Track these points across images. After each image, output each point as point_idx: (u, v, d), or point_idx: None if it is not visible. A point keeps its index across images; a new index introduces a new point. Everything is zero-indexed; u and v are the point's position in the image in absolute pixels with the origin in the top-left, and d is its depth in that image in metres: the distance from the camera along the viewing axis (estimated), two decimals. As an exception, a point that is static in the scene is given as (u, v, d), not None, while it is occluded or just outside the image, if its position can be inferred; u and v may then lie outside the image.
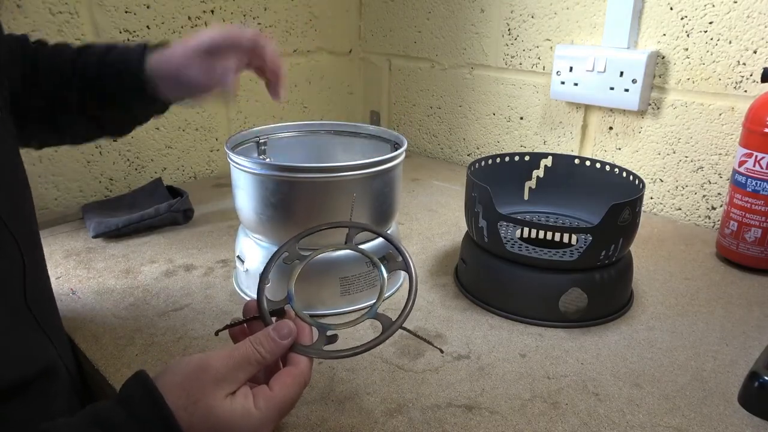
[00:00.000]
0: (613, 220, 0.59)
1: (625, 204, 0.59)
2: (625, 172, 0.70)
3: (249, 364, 0.39)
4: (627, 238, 0.62)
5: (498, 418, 0.49)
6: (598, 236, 0.59)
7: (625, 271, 0.66)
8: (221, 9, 1.06)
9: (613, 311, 0.65)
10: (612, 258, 0.62)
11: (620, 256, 0.63)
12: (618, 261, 0.64)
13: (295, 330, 0.42)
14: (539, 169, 0.77)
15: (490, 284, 0.66)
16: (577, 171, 0.75)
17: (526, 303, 0.63)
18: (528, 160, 0.76)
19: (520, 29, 1.05)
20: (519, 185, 0.78)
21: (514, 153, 0.76)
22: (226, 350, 0.39)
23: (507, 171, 0.76)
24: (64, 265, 0.75)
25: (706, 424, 0.49)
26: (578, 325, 0.63)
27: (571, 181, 0.75)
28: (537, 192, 0.78)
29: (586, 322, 0.63)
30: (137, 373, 0.38)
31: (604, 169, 0.73)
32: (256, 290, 0.46)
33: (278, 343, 0.41)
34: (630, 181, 0.69)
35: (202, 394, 0.37)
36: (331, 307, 0.65)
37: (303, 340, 0.43)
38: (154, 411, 0.35)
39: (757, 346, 0.59)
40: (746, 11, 0.81)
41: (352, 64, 1.34)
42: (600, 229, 0.59)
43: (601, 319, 0.64)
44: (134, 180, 1.03)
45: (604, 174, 0.73)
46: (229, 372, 0.38)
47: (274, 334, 0.41)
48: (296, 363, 0.41)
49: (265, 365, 0.40)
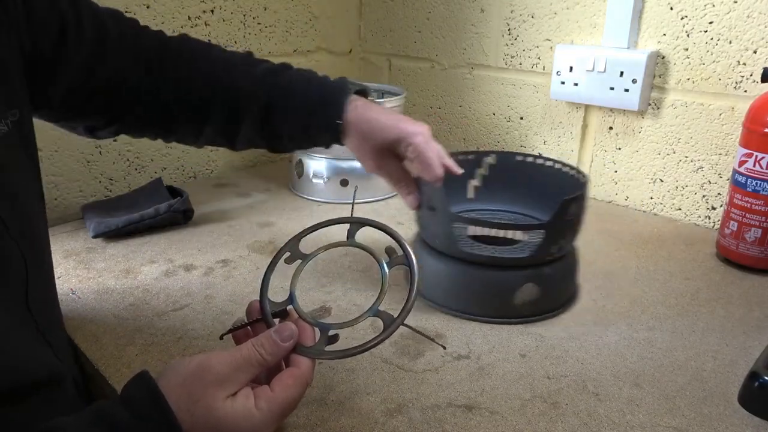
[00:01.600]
0: (563, 215, 0.60)
1: (574, 199, 0.60)
2: (567, 167, 0.71)
3: (251, 366, 0.39)
4: (574, 232, 0.64)
5: (498, 418, 0.49)
6: (551, 231, 0.60)
7: (573, 264, 0.68)
8: (221, 9, 1.06)
9: (561, 304, 0.66)
10: (562, 252, 0.64)
11: (568, 249, 0.66)
12: (566, 255, 0.66)
13: (296, 332, 0.42)
14: (482, 167, 0.76)
15: (445, 284, 0.66)
16: (521, 168, 0.75)
17: (481, 301, 0.64)
18: (472, 158, 0.76)
19: (520, 29, 1.05)
20: (464, 183, 0.77)
21: (458, 152, 0.74)
22: (228, 351, 0.39)
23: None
24: (64, 265, 0.75)
25: (706, 424, 0.49)
26: (531, 320, 0.64)
27: (516, 178, 0.75)
28: (483, 190, 0.78)
29: (536, 317, 0.64)
30: (140, 373, 0.38)
31: (546, 165, 0.73)
32: None
33: (280, 345, 0.41)
34: (572, 175, 0.70)
35: (204, 394, 0.37)
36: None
37: (305, 341, 0.43)
38: (157, 411, 0.35)
39: (757, 346, 0.59)
40: (746, 11, 0.81)
41: (352, 64, 1.34)
42: (552, 224, 0.60)
43: (550, 313, 0.65)
44: (134, 180, 1.03)
45: (547, 169, 0.73)
46: (231, 373, 0.38)
47: (276, 336, 0.41)
48: (298, 364, 0.41)
49: (266, 367, 0.40)
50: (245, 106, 0.61)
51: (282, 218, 0.92)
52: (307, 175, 0.99)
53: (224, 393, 0.37)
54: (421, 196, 0.64)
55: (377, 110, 0.61)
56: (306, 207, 0.96)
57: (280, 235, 0.85)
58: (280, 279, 0.49)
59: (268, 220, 0.91)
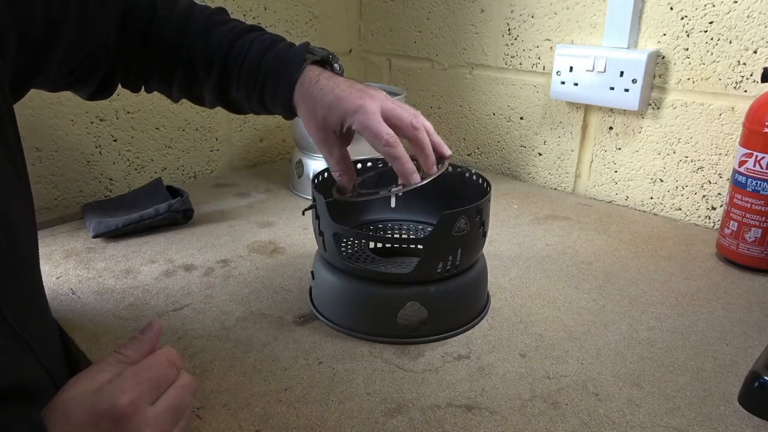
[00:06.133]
0: (448, 230, 0.56)
1: (459, 213, 0.55)
2: (475, 176, 0.67)
3: (108, 364, 0.39)
4: (468, 249, 0.59)
5: (498, 418, 0.49)
6: (432, 247, 0.56)
7: (474, 283, 0.62)
8: (221, 9, 1.05)
9: (459, 325, 0.62)
10: (453, 270, 0.58)
11: (463, 267, 0.60)
12: (464, 272, 0.61)
13: (158, 327, 0.42)
14: None
15: (332, 298, 0.63)
16: (443, 176, 0.62)
17: (363, 317, 0.60)
18: (381, 166, 0.70)
19: (520, 29, 1.05)
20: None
21: (377, 158, 0.70)
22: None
23: (376, 177, 0.70)
24: (64, 265, 0.75)
25: (706, 424, 0.49)
26: (419, 341, 0.59)
27: (438, 187, 0.64)
28: (404, 199, 0.74)
29: (426, 337, 0.60)
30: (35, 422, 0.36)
31: (462, 174, 0.69)
32: None
33: (139, 338, 0.41)
34: (481, 185, 0.66)
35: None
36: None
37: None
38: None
39: (757, 346, 0.59)
40: (746, 11, 0.81)
41: (352, 64, 1.34)
42: (433, 240, 0.56)
43: (444, 334, 0.60)
44: (134, 180, 1.03)
45: (464, 179, 0.69)
46: (87, 376, 0.38)
47: (139, 333, 0.42)
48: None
49: (129, 361, 0.40)
50: (203, 71, 0.61)
51: (282, 218, 0.92)
52: (307, 175, 0.99)
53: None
54: (354, 183, 0.62)
55: (324, 87, 0.57)
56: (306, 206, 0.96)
57: (280, 235, 0.85)
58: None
59: (268, 220, 0.91)
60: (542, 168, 1.09)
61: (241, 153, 1.18)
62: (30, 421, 0.35)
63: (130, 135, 1.01)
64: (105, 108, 0.96)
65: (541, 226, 0.89)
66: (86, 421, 0.35)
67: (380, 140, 0.55)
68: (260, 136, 1.21)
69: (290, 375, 0.55)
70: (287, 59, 0.59)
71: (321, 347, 0.59)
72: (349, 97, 0.56)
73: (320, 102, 0.57)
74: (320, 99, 0.57)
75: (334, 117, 0.57)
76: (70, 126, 0.93)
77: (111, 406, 0.35)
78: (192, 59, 0.61)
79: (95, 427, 0.35)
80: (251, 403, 0.51)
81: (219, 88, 0.62)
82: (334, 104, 0.56)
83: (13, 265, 0.47)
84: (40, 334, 0.50)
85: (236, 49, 0.60)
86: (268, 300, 0.68)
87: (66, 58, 0.55)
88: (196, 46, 0.61)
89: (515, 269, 0.76)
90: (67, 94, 0.91)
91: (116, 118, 0.98)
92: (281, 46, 0.61)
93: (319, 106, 0.57)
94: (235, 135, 1.16)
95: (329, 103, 0.56)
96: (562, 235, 0.86)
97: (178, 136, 1.07)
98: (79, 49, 0.56)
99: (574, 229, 0.88)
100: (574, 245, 0.83)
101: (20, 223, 0.49)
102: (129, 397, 0.36)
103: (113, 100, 0.96)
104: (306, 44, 0.61)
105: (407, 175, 0.56)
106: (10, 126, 0.48)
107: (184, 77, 0.63)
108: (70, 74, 0.58)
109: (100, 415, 0.35)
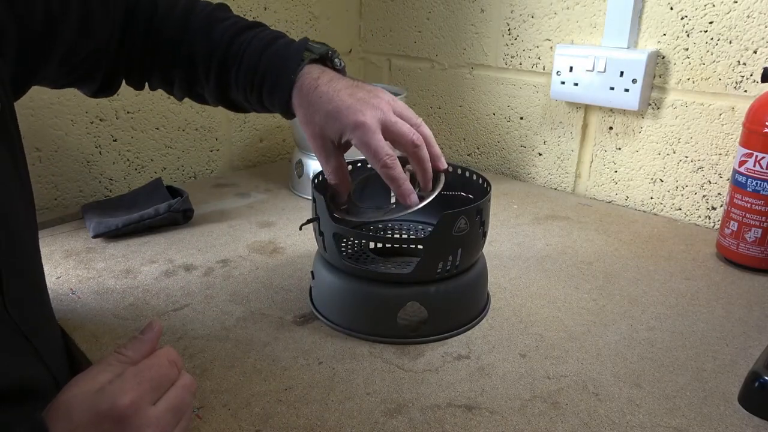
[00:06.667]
0: (448, 230, 0.56)
1: (459, 213, 0.55)
2: (475, 175, 0.67)
3: (108, 365, 0.39)
4: (468, 249, 0.59)
5: (498, 418, 0.49)
6: (432, 247, 0.56)
7: (474, 284, 0.62)
8: (221, 9, 1.05)
9: (459, 325, 0.62)
10: (453, 270, 0.59)
11: (463, 267, 0.60)
12: (464, 272, 0.61)
13: (158, 328, 0.42)
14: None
15: (332, 298, 0.62)
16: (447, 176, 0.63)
17: (363, 318, 0.60)
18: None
19: (520, 29, 1.05)
20: (388, 191, 0.71)
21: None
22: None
23: (376, 177, 0.69)
24: (64, 265, 0.75)
25: (706, 424, 0.49)
26: (419, 341, 0.59)
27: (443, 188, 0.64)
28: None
29: (426, 337, 0.60)
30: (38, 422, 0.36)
31: (460, 174, 0.69)
32: None
33: (140, 338, 0.41)
34: (481, 185, 0.65)
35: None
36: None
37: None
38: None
39: (757, 346, 0.59)
40: (746, 11, 0.81)
41: (352, 64, 1.34)
42: (433, 240, 0.56)
43: (444, 334, 0.60)
44: (134, 180, 1.03)
45: (463, 179, 0.68)
46: (88, 376, 0.38)
47: (139, 333, 0.42)
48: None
49: (130, 361, 0.40)
50: (203, 67, 0.61)
51: (282, 218, 0.92)
52: (307, 175, 0.99)
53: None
54: (350, 192, 0.61)
55: (323, 94, 0.55)
56: (306, 207, 0.96)
57: (280, 234, 0.85)
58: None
59: (268, 220, 0.91)
60: (542, 168, 1.09)
61: (241, 153, 1.18)
62: (31, 421, 0.35)
63: (130, 135, 1.01)
64: (105, 108, 0.96)
65: (541, 226, 0.89)
66: (87, 421, 0.35)
67: (378, 161, 0.54)
68: (260, 136, 1.21)
69: (290, 375, 0.55)
70: (286, 56, 0.59)
71: (321, 347, 0.59)
72: (349, 109, 0.54)
73: (319, 111, 0.55)
74: (319, 107, 0.55)
75: (332, 128, 0.55)
76: (70, 126, 0.93)
77: (112, 406, 0.35)
78: (192, 56, 0.61)
79: (96, 427, 0.35)
80: (251, 403, 0.51)
81: (219, 86, 0.62)
82: (333, 115, 0.55)
83: (15, 265, 0.47)
84: (44, 334, 0.50)
85: (236, 46, 0.60)
86: (268, 300, 0.68)
87: (66, 57, 0.55)
88: (196, 43, 0.61)
89: (515, 269, 0.76)
90: (68, 94, 0.91)
91: (116, 118, 0.98)
92: (280, 43, 0.60)
93: (317, 115, 0.56)
94: (235, 135, 1.16)
95: (328, 112, 0.55)
96: (562, 235, 0.86)
97: (178, 136, 1.07)
98: (79, 48, 0.56)
99: (574, 229, 0.88)
100: (574, 245, 0.83)
101: (21, 223, 0.49)
102: (130, 397, 0.36)
103: (113, 100, 0.96)
104: (305, 40, 0.60)
105: (404, 196, 0.55)
106: (11, 125, 0.48)
107: (184, 74, 0.62)
108: (70, 74, 0.58)
109: (102, 415, 0.35)
